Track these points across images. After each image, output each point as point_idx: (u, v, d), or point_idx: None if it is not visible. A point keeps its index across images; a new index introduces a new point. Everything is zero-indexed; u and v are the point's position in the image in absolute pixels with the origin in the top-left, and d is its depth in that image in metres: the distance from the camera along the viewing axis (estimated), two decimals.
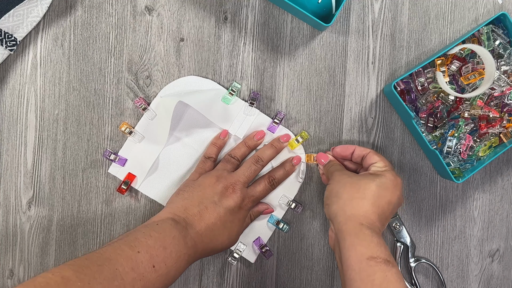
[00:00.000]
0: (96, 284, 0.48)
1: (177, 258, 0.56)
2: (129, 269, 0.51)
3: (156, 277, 0.53)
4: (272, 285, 0.69)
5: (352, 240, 0.54)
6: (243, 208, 0.63)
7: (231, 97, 0.67)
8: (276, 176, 0.66)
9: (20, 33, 0.65)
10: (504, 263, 0.70)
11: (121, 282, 0.50)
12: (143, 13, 0.68)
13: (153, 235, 0.55)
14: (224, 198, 0.61)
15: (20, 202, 0.68)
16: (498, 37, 0.66)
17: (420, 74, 0.66)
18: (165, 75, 0.68)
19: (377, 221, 0.57)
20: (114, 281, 0.50)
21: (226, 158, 0.66)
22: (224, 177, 0.63)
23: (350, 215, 0.56)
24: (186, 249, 0.57)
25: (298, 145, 0.68)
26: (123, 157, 0.68)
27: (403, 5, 0.69)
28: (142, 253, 0.53)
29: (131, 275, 0.51)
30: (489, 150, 0.66)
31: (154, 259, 0.54)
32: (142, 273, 0.52)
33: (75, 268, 0.49)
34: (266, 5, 0.69)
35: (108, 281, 0.49)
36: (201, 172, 0.65)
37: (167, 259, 0.55)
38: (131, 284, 0.51)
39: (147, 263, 0.53)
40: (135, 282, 0.51)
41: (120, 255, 0.52)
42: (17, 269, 0.68)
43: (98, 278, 0.49)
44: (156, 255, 0.54)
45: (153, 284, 0.53)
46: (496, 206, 0.70)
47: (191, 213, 0.60)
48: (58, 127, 0.68)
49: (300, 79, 0.69)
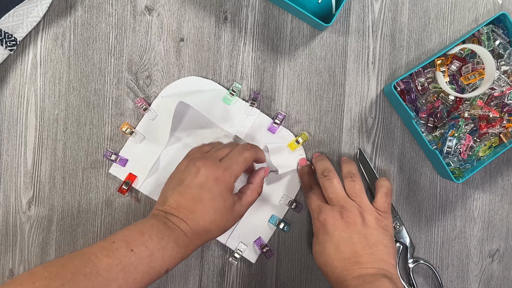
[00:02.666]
0: (64, 271, 0.48)
1: (159, 240, 0.53)
2: (104, 256, 0.50)
3: (136, 259, 0.51)
4: (272, 285, 0.69)
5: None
6: (221, 181, 0.57)
7: (231, 98, 0.67)
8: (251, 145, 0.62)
9: (20, 33, 0.65)
10: (504, 263, 0.70)
11: (94, 268, 0.49)
12: (143, 13, 0.68)
13: (129, 227, 0.54)
14: (195, 177, 0.57)
15: (20, 202, 0.68)
16: (498, 37, 0.66)
17: (420, 74, 0.66)
18: (165, 75, 0.68)
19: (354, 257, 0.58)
20: (85, 268, 0.49)
21: (204, 143, 0.64)
22: (196, 157, 0.59)
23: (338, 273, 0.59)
24: (169, 231, 0.54)
25: (298, 146, 0.68)
26: (124, 158, 0.68)
27: (403, 5, 0.69)
28: (117, 242, 0.52)
29: (106, 261, 0.50)
30: (489, 150, 0.66)
31: (131, 244, 0.52)
32: (118, 257, 0.51)
33: (45, 264, 0.49)
34: (266, 5, 0.69)
35: (78, 268, 0.49)
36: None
37: (146, 242, 0.52)
38: (106, 268, 0.49)
39: (123, 249, 0.51)
40: (111, 267, 0.50)
41: (94, 248, 0.51)
42: (17, 269, 0.68)
43: (67, 267, 0.48)
44: (133, 240, 0.52)
45: (134, 267, 0.51)
46: (496, 206, 0.70)
47: (168, 204, 0.57)
48: (58, 127, 0.68)
49: (300, 79, 0.69)
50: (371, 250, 0.58)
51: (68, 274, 0.48)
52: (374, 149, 0.69)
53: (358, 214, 0.60)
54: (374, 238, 0.59)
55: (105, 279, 0.49)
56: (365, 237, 0.59)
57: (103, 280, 0.49)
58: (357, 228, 0.59)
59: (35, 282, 0.47)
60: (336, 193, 0.61)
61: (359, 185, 0.62)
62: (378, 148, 0.69)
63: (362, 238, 0.59)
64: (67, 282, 0.47)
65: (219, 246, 0.69)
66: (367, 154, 0.69)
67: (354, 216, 0.59)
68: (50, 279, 0.47)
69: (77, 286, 0.48)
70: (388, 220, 0.61)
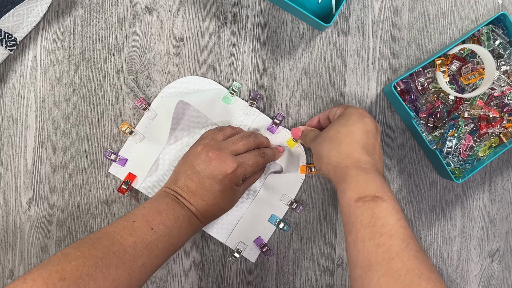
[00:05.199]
0: (95, 251, 0.51)
1: (176, 219, 0.57)
2: (127, 235, 0.54)
3: (157, 238, 0.55)
4: (272, 285, 0.69)
5: (341, 187, 0.54)
6: (232, 178, 0.59)
7: (231, 97, 0.67)
8: (266, 152, 0.64)
9: (20, 33, 0.65)
10: (504, 263, 0.70)
11: (121, 246, 0.53)
12: (143, 13, 0.68)
13: (146, 206, 0.58)
14: (207, 166, 0.59)
15: (20, 202, 0.68)
16: (498, 37, 0.66)
17: (420, 74, 0.66)
18: (165, 75, 0.68)
19: (364, 155, 0.56)
20: (113, 247, 0.52)
21: (218, 128, 0.65)
22: (210, 146, 0.60)
23: (335, 164, 0.56)
24: (184, 211, 0.58)
25: (296, 144, 0.68)
26: (123, 157, 0.68)
27: (403, 5, 0.69)
28: (137, 221, 0.56)
29: (130, 240, 0.54)
30: (489, 150, 0.66)
31: (150, 222, 0.56)
32: (141, 236, 0.54)
33: (74, 245, 0.52)
34: (266, 5, 0.69)
35: (107, 247, 0.52)
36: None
37: (164, 220, 0.56)
38: (131, 246, 0.53)
39: (144, 228, 0.55)
40: (136, 245, 0.54)
41: (116, 227, 0.55)
42: (17, 269, 0.68)
43: (97, 246, 0.52)
44: (152, 219, 0.56)
45: (156, 245, 0.55)
46: (496, 206, 0.70)
47: (179, 185, 0.60)
48: (58, 127, 0.68)
49: (300, 79, 0.69)
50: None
51: (99, 253, 0.51)
52: None
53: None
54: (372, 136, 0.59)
55: (132, 256, 0.53)
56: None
57: (130, 257, 0.53)
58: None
59: (71, 262, 0.50)
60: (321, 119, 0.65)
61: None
62: None
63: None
64: (100, 260, 0.51)
65: (219, 246, 0.69)
66: None
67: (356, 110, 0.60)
68: (84, 258, 0.50)
69: (109, 263, 0.51)
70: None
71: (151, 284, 0.69)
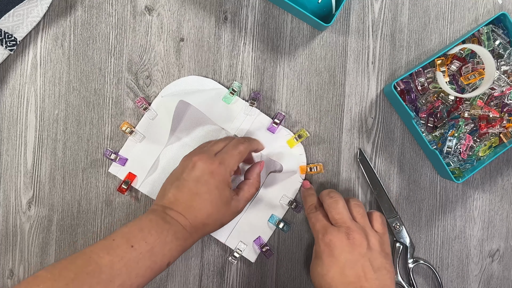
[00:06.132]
0: (67, 272, 0.49)
1: (159, 234, 0.54)
2: (105, 254, 0.51)
3: (137, 255, 0.52)
4: (272, 285, 0.69)
5: None
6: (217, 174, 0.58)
7: (231, 97, 0.67)
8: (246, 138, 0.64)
9: (20, 33, 0.65)
10: (504, 263, 0.70)
11: (96, 266, 0.50)
12: (143, 13, 0.68)
13: (128, 224, 0.56)
14: (191, 171, 0.58)
15: (20, 202, 0.68)
16: (498, 37, 0.66)
17: (420, 74, 0.66)
18: (165, 75, 0.68)
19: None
20: (87, 267, 0.50)
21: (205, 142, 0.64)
22: (193, 153, 0.61)
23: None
24: (168, 226, 0.55)
25: (297, 143, 0.68)
26: (123, 157, 0.68)
27: (403, 5, 0.69)
28: (117, 239, 0.53)
29: (107, 258, 0.51)
30: (489, 150, 0.66)
31: (131, 240, 0.53)
32: (119, 254, 0.52)
33: (48, 267, 0.50)
34: (266, 5, 0.69)
35: (80, 267, 0.50)
36: None
37: (146, 237, 0.54)
38: (108, 265, 0.51)
39: (123, 246, 0.52)
40: (113, 264, 0.51)
41: (94, 247, 0.53)
42: (17, 269, 0.68)
43: (70, 267, 0.50)
44: (133, 237, 0.53)
45: (136, 262, 0.52)
46: (496, 206, 0.70)
47: (167, 198, 0.58)
48: (58, 127, 0.68)
49: (300, 79, 0.69)
50: (375, 275, 0.58)
51: (71, 274, 0.49)
52: (374, 149, 0.69)
53: (364, 236, 0.59)
54: (378, 262, 0.59)
55: (108, 275, 0.50)
56: (370, 261, 0.58)
57: (106, 277, 0.50)
58: (363, 251, 0.58)
59: (39, 285, 0.48)
60: (342, 214, 0.61)
61: (362, 208, 0.62)
62: (378, 148, 0.69)
63: (367, 261, 0.58)
64: (70, 281, 0.48)
65: (219, 246, 0.69)
66: (367, 154, 0.69)
67: (360, 238, 0.59)
68: (54, 280, 0.48)
69: (81, 284, 0.49)
70: (388, 243, 0.62)
71: (151, 284, 0.69)
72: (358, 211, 0.62)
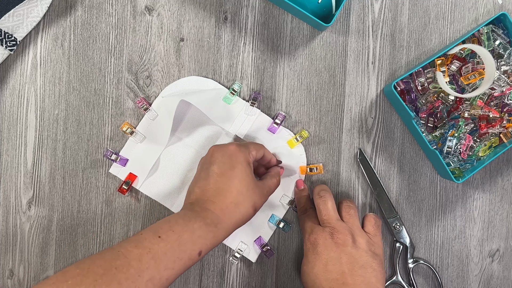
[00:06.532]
0: (96, 267, 0.48)
1: (186, 222, 0.53)
2: (132, 247, 0.50)
3: (165, 245, 0.51)
4: (272, 285, 0.69)
5: None
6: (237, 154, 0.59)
7: (232, 97, 0.67)
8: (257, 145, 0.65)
9: (20, 33, 0.65)
10: (504, 263, 0.70)
11: (124, 260, 0.49)
12: (143, 13, 0.68)
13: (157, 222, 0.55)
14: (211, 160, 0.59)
15: (20, 202, 0.68)
16: (498, 37, 0.66)
17: (420, 74, 0.66)
18: (165, 75, 0.68)
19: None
20: (116, 261, 0.49)
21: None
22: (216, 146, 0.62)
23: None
24: (196, 213, 0.54)
25: (297, 144, 0.68)
26: (124, 157, 0.68)
27: (403, 5, 0.69)
28: (144, 233, 0.52)
29: (135, 252, 0.50)
30: (489, 150, 0.66)
31: (158, 231, 0.52)
32: (147, 246, 0.51)
33: (78, 262, 0.49)
34: (266, 5, 0.69)
35: (109, 261, 0.49)
36: None
37: (173, 226, 0.52)
38: (136, 259, 0.49)
39: (151, 238, 0.51)
40: (141, 256, 0.50)
41: (123, 242, 0.52)
42: (17, 269, 0.68)
43: (98, 262, 0.49)
44: (160, 228, 0.52)
45: (164, 253, 0.51)
46: (496, 206, 0.70)
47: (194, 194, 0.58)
48: (58, 127, 0.68)
49: (300, 79, 0.69)
50: (359, 271, 0.59)
51: (100, 269, 0.48)
52: (374, 149, 0.69)
53: (349, 235, 0.61)
54: (363, 260, 0.60)
55: (137, 269, 0.49)
56: (354, 258, 0.59)
57: (135, 271, 0.49)
58: (346, 249, 0.60)
59: (68, 280, 0.47)
60: (329, 214, 0.62)
61: (353, 209, 0.64)
62: (378, 148, 0.69)
63: (351, 258, 0.59)
64: (99, 277, 0.47)
65: (219, 246, 0.69)
66: (367, 154, 0.69)
67: (345, 237, 0.60)
68: (83, 275, 0.47)
69: (110, 280, 0.47)
70: (378, 244, 0.63)
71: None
72: (348, 211, 0.63)
